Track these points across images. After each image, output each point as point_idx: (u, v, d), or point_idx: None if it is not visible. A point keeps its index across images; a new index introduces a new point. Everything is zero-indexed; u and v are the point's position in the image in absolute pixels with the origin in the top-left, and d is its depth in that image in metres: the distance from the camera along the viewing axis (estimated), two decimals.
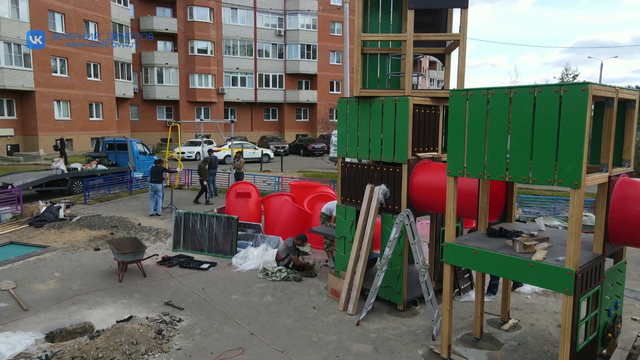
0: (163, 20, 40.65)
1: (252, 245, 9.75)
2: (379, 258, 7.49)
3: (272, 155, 32.61)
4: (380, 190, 7.02)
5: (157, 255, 9.14)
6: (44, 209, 12.35)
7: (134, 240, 8.73)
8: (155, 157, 20.55)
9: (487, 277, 7.47)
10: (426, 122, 7.07)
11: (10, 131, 29.00)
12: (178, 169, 17.80)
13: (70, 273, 8.57)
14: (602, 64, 45.24)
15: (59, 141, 24.22)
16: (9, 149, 29.00)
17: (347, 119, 7.55)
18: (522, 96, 4.65)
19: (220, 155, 29.58)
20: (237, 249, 9.63)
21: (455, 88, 5.57)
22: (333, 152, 26.08)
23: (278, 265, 8.67)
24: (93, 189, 16.64)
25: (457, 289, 7.75)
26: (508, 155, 4.83)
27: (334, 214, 9.19)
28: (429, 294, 6.36)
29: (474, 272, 8.13)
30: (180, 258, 9.38)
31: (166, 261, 9.12)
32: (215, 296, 7.57)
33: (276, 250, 9.53)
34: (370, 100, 7.18)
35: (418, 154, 6.93)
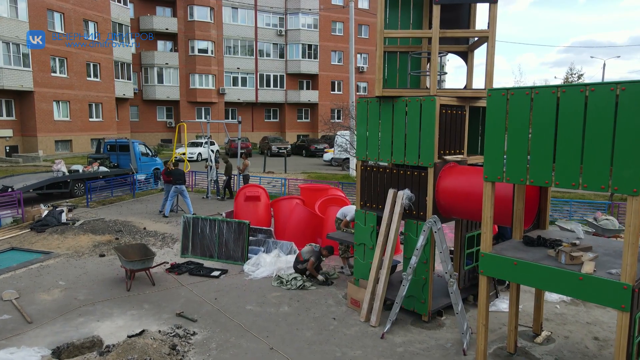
0: (163, 19, 40.29)
1: (264, 251, 9.39)
2: (402, 266, 7.13)
3: None
4: (404, 195, 6.66)
5: (167, 262, 8.77)
6: (45, 212, 11.96)
7: (142, 246, 8.36)
8: (158, 159, 20.25)
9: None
10: (452, 123, 6.70)
11: (9, 132, 28.58)
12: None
13: (75, 281, 8.19)
14: (604, 64, 45.07)
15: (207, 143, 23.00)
16: (7, 150, 28.58)
17: (368, 120, 7.19)
18: (571, 95, 4.29)
19: (327, 157, 28.98)
20: (249, 255, 9.26)
21: (494, 87, 5.21)
22: (338, 154, 25.72)
23: (297, 266, 8.28)
24: (95, 191, 16.25)
25: None
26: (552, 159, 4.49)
27: (348, 217, 8.84)
28: (458, 306, 6.01)
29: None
30: (190, 265, 9.01)
31: (175, 268, 8.74)
32: (229, 306, 7.20)
33: (288, 256, 9.19)
34: (392, 101, 6.82)
35: (444, 157, 6.57)
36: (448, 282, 6.03)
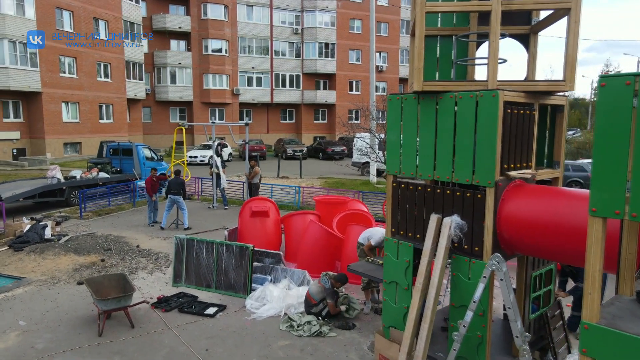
0: (176, 18, 39.12)
1: (271, 281, 7.78)
2: (449, 316, 5.43)
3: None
4: (452, 224, 4.97)
5: (147, 302, 7.20)
6: (27, 227, 10.58)
7: (121, 278, 6.82)
8: (164, 164, 18.87)
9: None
10: (518, 127, 5.00)
11: (16, 134, 27.67)
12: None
13: (39, 321, 6.70)
14: (638, 61, 42.36)
15: (218, 146, 20.88)
16: (14, 153, 27.64)
17: (402, 123, 5.53)
18: None
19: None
20: (252, 285, 7.67)
21: (609, 74, 3.56)
22: (357, 157, 24.01)
23: (310, 310, 6.67)
24: (93, 199, 14.90)
25: (549, 350, 5.69)
26: None
27: (372, 241, 7.17)
28: None
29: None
30: (181, 298, 7.46)
31: (162, 303, 7.19)
32: None
33: (300, 288, 7.58)
34: (436, 97, 5.15)
35: (508, 173, 4.87)
36: (520, 350, 4.32)
